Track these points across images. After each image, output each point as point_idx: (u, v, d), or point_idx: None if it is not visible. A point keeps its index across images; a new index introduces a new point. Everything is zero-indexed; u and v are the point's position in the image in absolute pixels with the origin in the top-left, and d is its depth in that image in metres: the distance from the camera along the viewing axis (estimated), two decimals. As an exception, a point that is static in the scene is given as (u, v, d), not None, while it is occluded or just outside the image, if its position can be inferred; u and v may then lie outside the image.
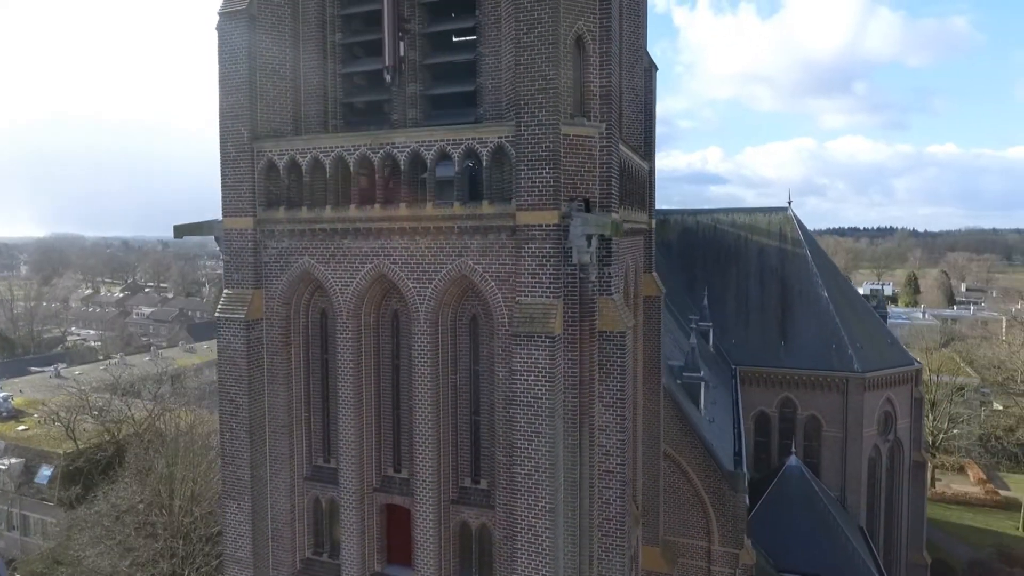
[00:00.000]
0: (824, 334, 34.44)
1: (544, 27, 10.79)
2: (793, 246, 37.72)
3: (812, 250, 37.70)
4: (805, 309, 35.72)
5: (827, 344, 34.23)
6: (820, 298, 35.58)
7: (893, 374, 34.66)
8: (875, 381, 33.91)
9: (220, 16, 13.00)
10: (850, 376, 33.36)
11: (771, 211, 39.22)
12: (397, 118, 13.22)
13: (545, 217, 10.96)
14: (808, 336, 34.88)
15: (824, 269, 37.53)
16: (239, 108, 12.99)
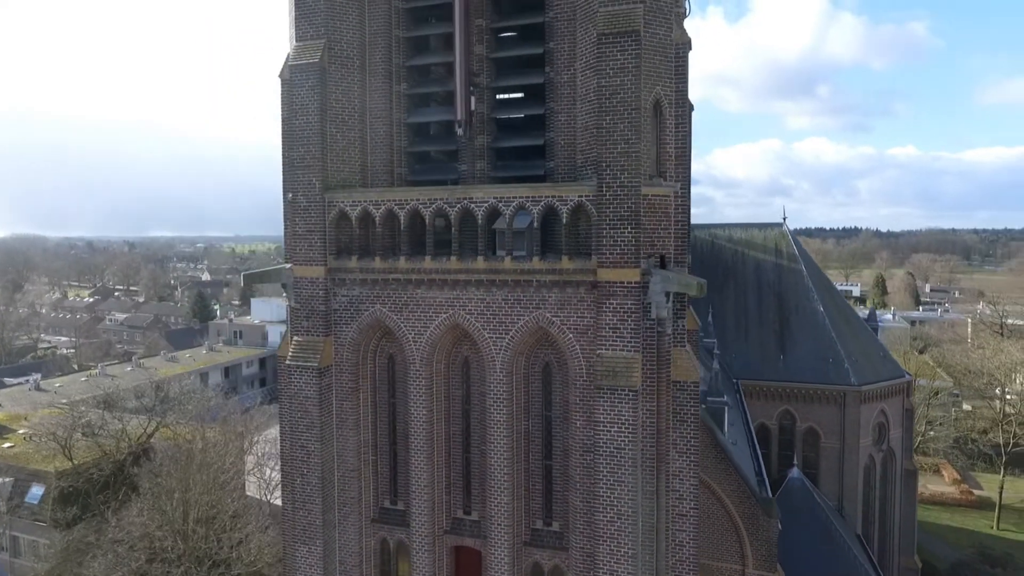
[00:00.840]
0: (821, 348, 35.55)
1: (626, 94, 11.24)
2: (789, 261, 38.83)
3: (807, 265, 38.87)
4: (802, 323, 36.83)
5: (824, 358, 35.36)
6: (816, 312, 36.72)
7: (886, 387, 35.97)
8: (870, 394, 35.16)
9: (290, 68, 13.16)
10: (847, 389, 34.54)
11: (767, 227, 40.31)
12: (465, 168, 13.56)
13: (627, 275, 11.42)
14: (806, 350, 35.96)
15: (819, 284, 38.74)
16: (310, 159, 13.16)
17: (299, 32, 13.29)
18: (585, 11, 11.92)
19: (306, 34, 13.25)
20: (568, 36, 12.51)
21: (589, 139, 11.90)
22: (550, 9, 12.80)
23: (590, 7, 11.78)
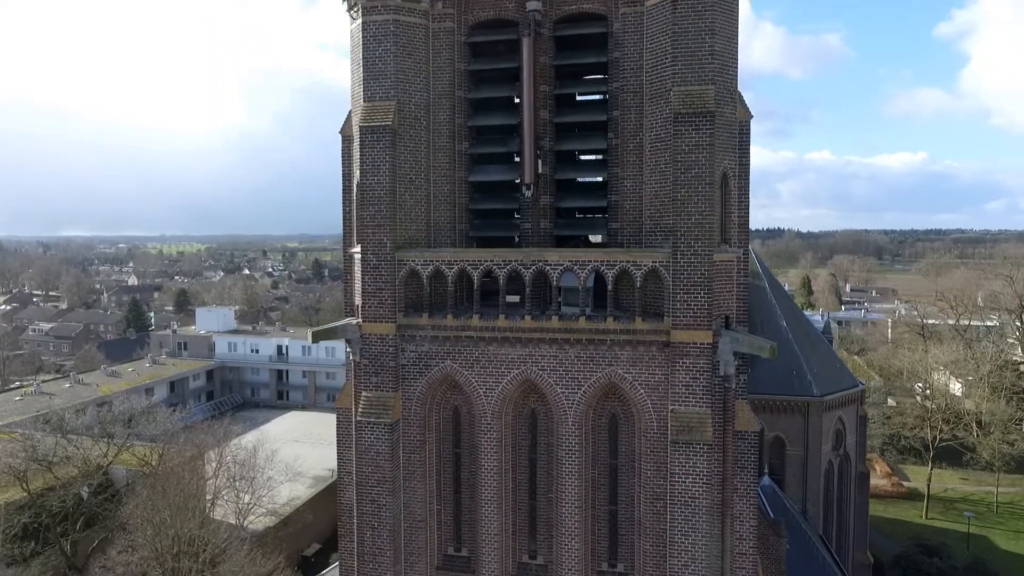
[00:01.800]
0: (786, 362, 37.83)
1: (700, 169, 12.12)
2: (753, 279, 41.04)
3: (770, 283, 41.19)
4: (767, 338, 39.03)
5: (789, 370, 37.67)
6: (780, 327, 39.01)
7: (844, 396, 38.67)
8: (830, 403, 37.73)
9: (362, 129, 13.37)
10: (810, 400, 36.96)
11: (732, 245, 42.41)
12: (528, 226, 14.13)
13: (700, 336, 12.31)
14: (772, 364, 38.17)
15: (780, 299, 41.13)
16: (381, 218, 13.42)
17: (368, 92, 13.50)
18: (656, 87, 12.72)
19: (375, 95, 13.48)
20: (634, 107, 13.27)
21: (660, 208, 12.71)
22: (615, 80, 13.53)
23: (662, 84, 12.58)
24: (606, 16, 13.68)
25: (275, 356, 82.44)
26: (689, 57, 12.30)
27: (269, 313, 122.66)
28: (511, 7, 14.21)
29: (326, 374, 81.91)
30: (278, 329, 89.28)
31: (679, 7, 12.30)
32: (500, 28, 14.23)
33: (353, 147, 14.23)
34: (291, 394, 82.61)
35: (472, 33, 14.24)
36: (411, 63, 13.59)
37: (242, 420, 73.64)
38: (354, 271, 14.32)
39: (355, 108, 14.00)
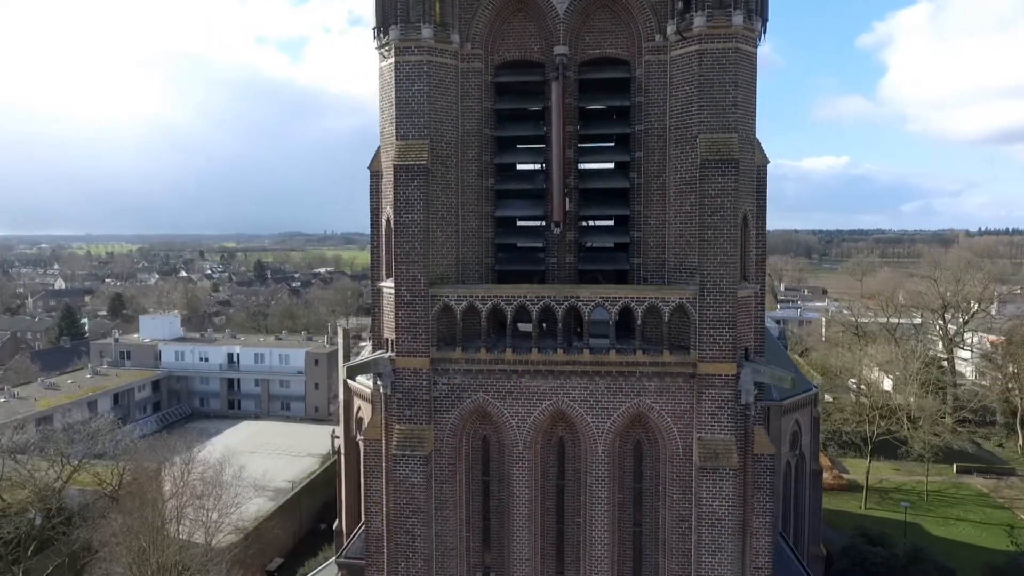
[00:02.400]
0: (748, 368, 39.75)
1: (726, 212, 12.96)
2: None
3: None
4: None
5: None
6: (741, 335, 40.93)
7: (800, 399, 40.88)
8: (788, 407, 39.81)
9: (397, 168, 13.60)
10: (771, 404, 38.86)
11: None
12: (554, 261, 14.68)
13: (724, 368, 13.15)
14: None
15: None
16: (415, 255, 13.69)
17: (401, 130, 13.75)
18: (681, 132, 13.47)
19: (408, 133, 13.74)
20: (657, 149, 14.00)
21: (685, 246, 13.48)
22: (638, 122, 14.23)
23: (687, 131, 13.35)
24: (628, 61, 14.36)
25: (226, 364, 79.95)
26: (714, 107, 13.11)
27: (213, 318, 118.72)
28: (536, 49, 14.72)
29: (280, 382, 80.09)
30: (228, 336, 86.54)
31: (705, 60, 13.09)
32: (525, 69, 14.71)
33: (382, 183, 14.44)
34: (243, 403, 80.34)
35: (498, 73, 14.67)
36: (443, 102, 13.91)
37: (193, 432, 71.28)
38: (383, 305, 14.52)
39: (385, 145, 14.20)
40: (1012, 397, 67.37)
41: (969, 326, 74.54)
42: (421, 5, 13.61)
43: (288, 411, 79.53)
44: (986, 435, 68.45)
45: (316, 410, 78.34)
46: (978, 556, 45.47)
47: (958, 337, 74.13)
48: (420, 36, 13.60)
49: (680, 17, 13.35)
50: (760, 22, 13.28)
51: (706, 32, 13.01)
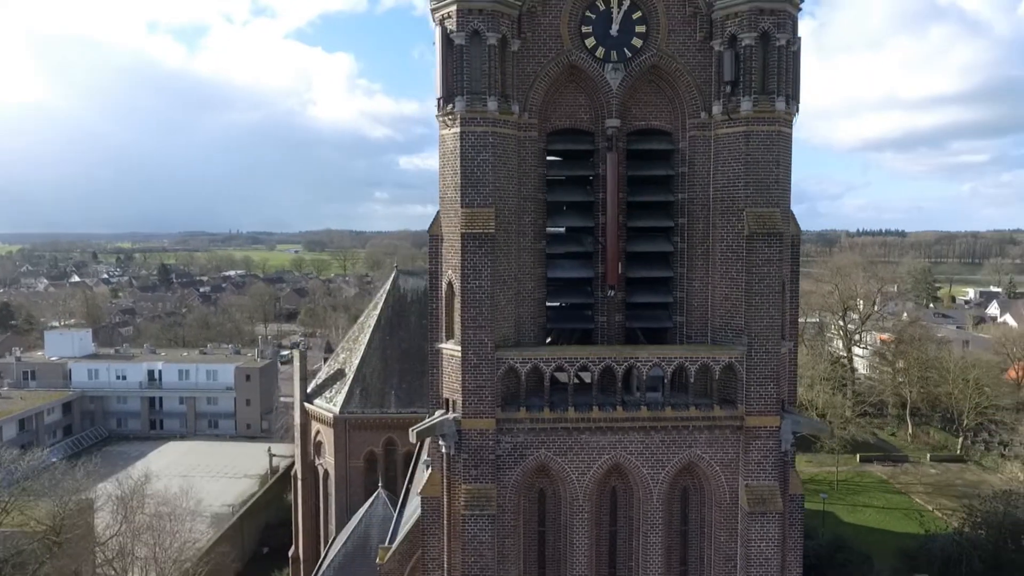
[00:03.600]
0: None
1: (771, 280, 14.28)
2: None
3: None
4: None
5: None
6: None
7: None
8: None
9: (464, 236, 13.97)
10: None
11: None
12: (603, 320, 15.53)
13: (769, 421, 14.48)
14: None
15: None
16: (481, 319, 14.12)
17: (467, 198, 14.13)
18: (726, 204, 14.65)
19: (474, 201, 14.15)
20: (702, 217, 15.12)
21: (731, 308, 14.69)
22: (682, 191, 15.31)
23: (733, 203, 14.55)
24: (672, 134, 15.41)
25: (146, 382, 75.37)
26: (759, 183, 14.39)
27: (120, 329, 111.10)
28: (586, 119, 15.49)
29: (207, 399, 76.38)
30: (147, 352, 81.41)
31: (751, 141, 14.33)
32: (576, 137, 15.45)
33: (442, 247, 14.74)
34: (166, 423, 76.01)
35: (550, 140, 15.32)
36: (505, 171, 14.41)
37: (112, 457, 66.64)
38: (443, 366, 14.84)
39: (447, 210, 14.52)
40: (902, 390, 74.58)
41: (865, 326, 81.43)
42: (487, 78, 14.04)
43: (216, 429, 76.06)
44: (880, 425, 75.40)
45: (248, 427, 75.35)
46: (888, 541, 50.31)
47: (856, 336, 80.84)
48: (486, 108, 14.02)
49: (727, 99, 14.51)
50: (796, 105, 14.64)
51: (752, 115, 14.24)
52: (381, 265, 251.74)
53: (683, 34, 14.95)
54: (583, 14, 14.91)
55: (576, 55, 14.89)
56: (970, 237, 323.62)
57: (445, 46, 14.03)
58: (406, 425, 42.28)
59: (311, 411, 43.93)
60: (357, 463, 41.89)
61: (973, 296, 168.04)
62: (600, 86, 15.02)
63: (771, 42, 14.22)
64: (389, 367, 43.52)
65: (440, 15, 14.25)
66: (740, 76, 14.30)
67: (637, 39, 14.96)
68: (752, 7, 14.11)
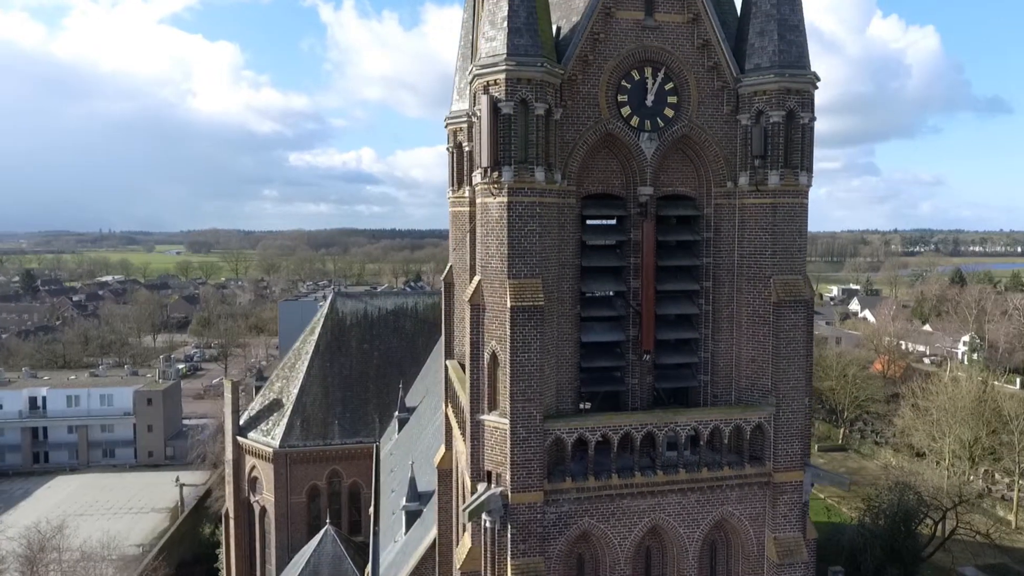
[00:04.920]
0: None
1: (798, 345, 15.14)
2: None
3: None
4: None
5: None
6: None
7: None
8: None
9: (514, 309, 13.73)
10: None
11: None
12: (635, 382, 15.82)
13: (795, 476, 15.35)
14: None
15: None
16: (530, 392, 13.96)
17: (514, 270, 13.91)
18: (753, 271, 15.34)
19: (521, 272, 13.95)
20: (727, 281, 15.74)
21: (758, 370, 15.41)
22: (707, 255, 15.87)
23: (759, 270, 15.27)
24: (697, 200, 15.93)
25: (27, 411, 67.86)
26: (785, 252, 15.20)
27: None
28: (617, 184, 15.69)
29: (101, 426, 69.87)
30: (26, 376, 73.24)
31: (778, 212, 15.11)
32: (608, 202, 15.61)
33: (485, 316, 14.42)
34: (52, 455, 68.92)
35: (585, 205, 15.38)
36: (549, 240, 14.33)
37: (-9, 497, 59.26)
38: (485, 438, 14.53)
39: (491, 279, 14.22)
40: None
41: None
42: (534, 147, 13.88)
43: (113, 459, 69.88)
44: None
45: (151, 455, 69.80)
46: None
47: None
48: (534, 178, 13.87)
49: (753, 171, 15.20)
50: (810, 177, 15.56)
51: (779, 188, 15.01)
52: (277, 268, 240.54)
53: (711, 106, 15.49)
54: (619, 83, 15.09)
55: (613, 124, 15.04)
56: (829, 237, 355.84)
57: (492, 114, 13.73)
58: (351, 456, 41.42)
59: (245, 445, 41.47)
60: (299, 498, 40.12)
61: (836, 293, 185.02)
62: (635, 154, 15.26)
63: (795, 119, 15.05)
64: (331, 395, 41.98)
65: (485, 82, 13.93)
66: (768, 151, 15.03)
67: (669, 109, 15.33)
68: (780, 87, 14.86)
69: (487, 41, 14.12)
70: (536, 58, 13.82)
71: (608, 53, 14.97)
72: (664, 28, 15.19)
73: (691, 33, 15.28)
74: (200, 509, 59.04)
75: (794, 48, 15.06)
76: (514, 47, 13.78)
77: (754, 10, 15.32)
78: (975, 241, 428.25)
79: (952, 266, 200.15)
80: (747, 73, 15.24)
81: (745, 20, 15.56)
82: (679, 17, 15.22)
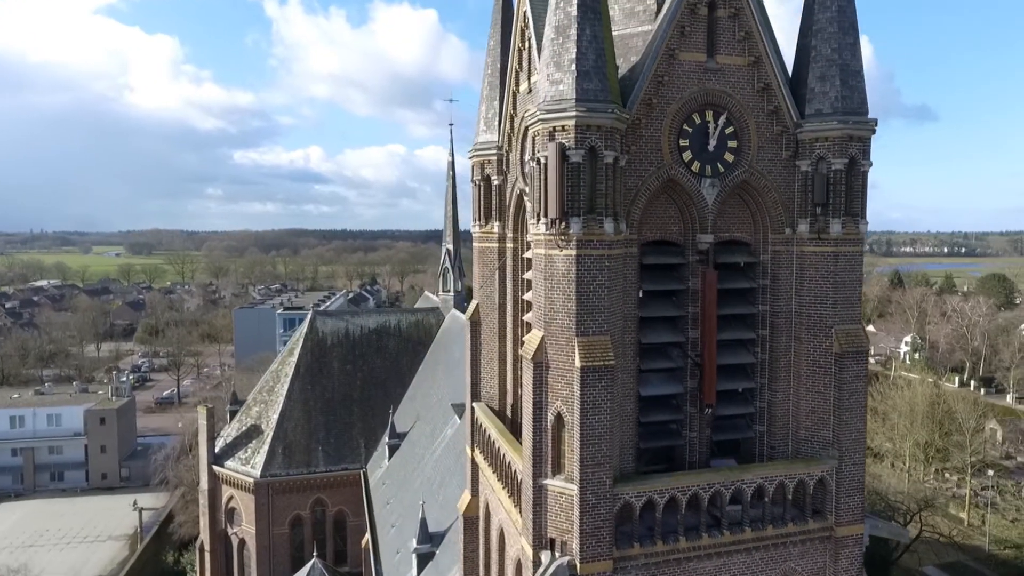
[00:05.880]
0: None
1: (859, 396, 14.87)
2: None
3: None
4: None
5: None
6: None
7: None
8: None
9: (583, 370, 12.98)
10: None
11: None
12: (694, 435, 15.28)
13: (856, 529, 15.09)
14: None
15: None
16: (600, 456, 13.23)
17: (582, 327, 13.15)
18: (813, 320, 14.96)
19: (590, 330, 13.20)
20: (784, 329, 15.35)
21: (818, 422, 15.08)
22: (763, 303, 15.45)
23: (820, 320, 14.91)
24: (753, 246, 15.49)
25: (-35, 434, 63.15)
26: (846, 301, 14.90)
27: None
28: (675, 231, 15.11)
29: (48, 448, 65.56)
30: (-38, 396, 68.23)
31: (840, 261, 14.80)
32: (666, 249, 15.01)
33: (548, 375, 13.60)
34: (-6, 481, 64.33)
35: (644, 254, 14.73)
36: (616, 293, 13.63)
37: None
38: (548, 504, 13.71)
39: (555, 336, 13.41)
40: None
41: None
42: (603, 197, 13.15)
43: (62, 483, 65.67)
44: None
45: (104, 477, 65.90)
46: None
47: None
48: (603, 230, 13.14)
49: (814, 218, 14.84)
50: (866, 224, 15.32)
51: (841, 237, 14.70)
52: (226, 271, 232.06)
53: (770, 151, 15.05)
54: (681, 127, 14.49)
55: (675, 169, 14.43)
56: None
57: (560, 162, 12.91)
58: (337, 484, 39.86)
59: (222, 475, 39.38)
60: (282, 529, 38.34)
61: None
62: (695, 200, 14.70)
63: (856, 166, 14.75)
64: (313, 420, 40.27)
65: (551, 127, 13.10)
66: (829, 198, 14.69)
67: (729, 154, 14.82)
68: (843, 134, 14.54)
69: (552, 84, 13.29)
70: (606, 104, 13.07)
71: (671, 96, 14.35)
72: (725, 71, 14.66)
73: (752, 76, 14.81)
74: (162, 535, 56.03)
75: (856, 94, 14.75)
76: (583, 92, 13.00)
77: (813, 54, 14.94)
78: (906, 242, 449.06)
79: (889, 266, 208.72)
80: (807, 118, 14.86)
81: (802, 63, 15.18)
82: (740, 60, 14.72)
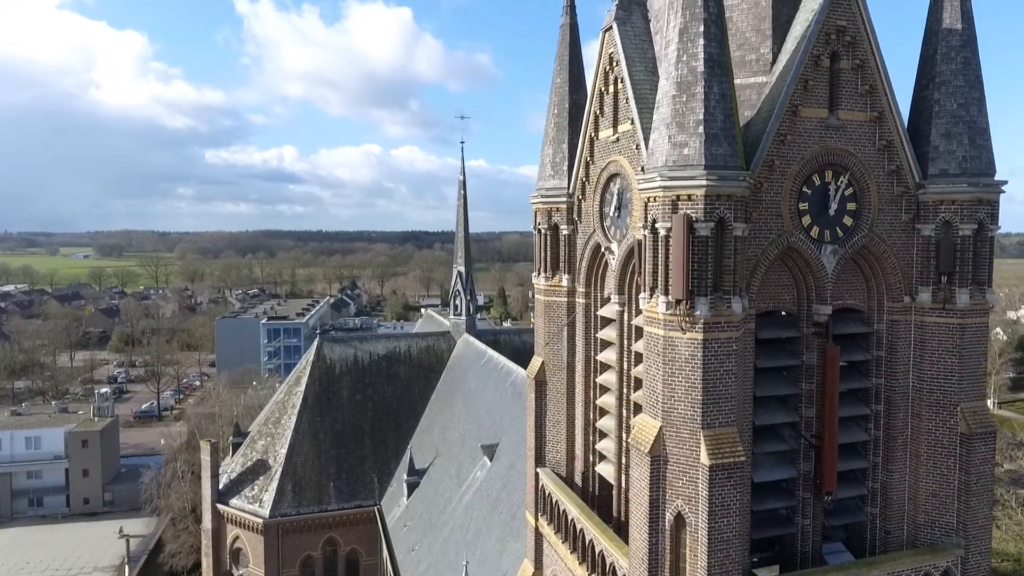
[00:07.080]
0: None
1: (987, 480, 13.74)
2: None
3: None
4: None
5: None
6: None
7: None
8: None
9: (711, 468, 11.62)
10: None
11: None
12: (808, 522, 14.04)
13: (979, 622, 13.95)
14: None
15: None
16: (729, 563, 11.85)
17: (708, 418, 11.83)
18: (936, 396, 13.81)
19: (716, 420, 11.90)
20: (902, 405, 14.18)
21: (939, 506, 13.92)
22: (878, 376, 14.26)
23: (944, 396, 13.76)
24: (866, 314, 14.29)
25: (-63, 459, 59.72)
26: (972, 376, 13.76)
27: None
28: (788, 300, 13.85)
29: (27, 473, 62.35)
30: (-68, 417, 64.64)
31: (967, 334, 13.64)
32: (780, 321, 13.74)
33: (666, 470, 12.22)
34: (-32, 508, 60.95)
35: (759, 327, 13.43)
36: (740, 377, 12.30)
37: None
38: (667, 611, 12.34)
39: (675, 426, 12.06)
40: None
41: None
42: (731, 275, 11.81)
43: (42, 508, 62.54)
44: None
45: (87, 502, 62.86)
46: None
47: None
48: (731, 311, 11.80)
49: (937, 287, 13.69)
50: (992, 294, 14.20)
51: (968, 308, 13.56)
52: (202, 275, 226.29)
53: (890, 213, 13.86)
54: (800, 190, 13.22)
55: (795, 236, 13.16)
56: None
57: (687, 236, 11.53)
58: (349, 522, 37.94)
59: (227, 514, 37.28)
60: (292, 572, 36.42)
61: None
62: (814, 268, 13.44)
63: (984, 232, 13.64)
64: (324, 454, 38.35)
65: (674, 195, 11.72)
66: (956, 266, 13.55)
67: (849, 217, 13.59)
68: (972, 197, 13.41)
69: (675, 147, 11.90)
70: (737, 171, 11.75)
71: (792, 156, 13.07)
72: (847, 127, 13.43)
73: (873, 133, 13.59)
74: (152, 566, 53.47)
75: (984, 154, 13.63)
76: (712, 157, 11.65)
77: (937, 108, 13.79)
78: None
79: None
80: (931, 178, 13.70)
81: (923, 119, 14.01)
82: (863, 115, 13.49)
